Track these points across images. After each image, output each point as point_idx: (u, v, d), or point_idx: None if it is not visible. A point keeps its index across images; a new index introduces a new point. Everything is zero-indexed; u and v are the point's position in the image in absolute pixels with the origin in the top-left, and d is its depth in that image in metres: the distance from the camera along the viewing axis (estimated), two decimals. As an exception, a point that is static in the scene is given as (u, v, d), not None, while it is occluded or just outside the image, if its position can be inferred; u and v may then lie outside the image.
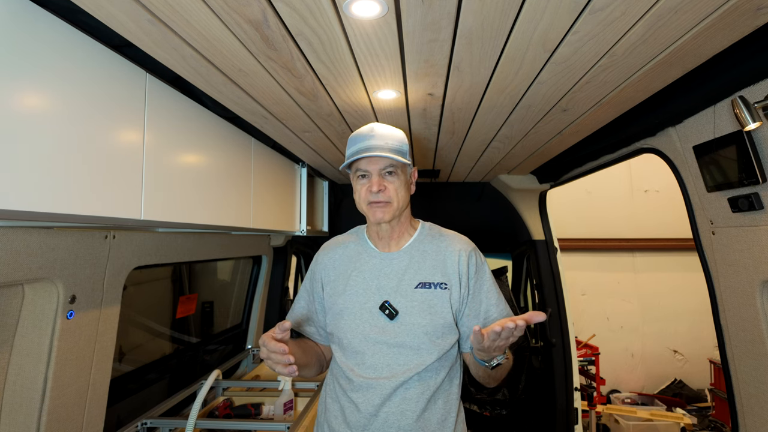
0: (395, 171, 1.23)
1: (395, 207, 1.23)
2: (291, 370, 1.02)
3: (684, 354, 5.22)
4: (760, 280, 1.37)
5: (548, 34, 1.02)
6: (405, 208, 1.29)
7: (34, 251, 1.15)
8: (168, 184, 1.27)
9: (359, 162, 1.22)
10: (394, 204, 1.23)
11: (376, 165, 1.21)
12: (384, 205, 1.22)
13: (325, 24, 0.97)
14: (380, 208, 1.23)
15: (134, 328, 2.09)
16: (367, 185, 1.23)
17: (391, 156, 1.19)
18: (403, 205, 1.26)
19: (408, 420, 1.18)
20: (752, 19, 0.98)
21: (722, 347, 1.60)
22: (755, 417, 1.48)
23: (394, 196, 1.22)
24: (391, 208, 1.23)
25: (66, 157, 0.93)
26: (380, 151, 1.19)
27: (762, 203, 1.30)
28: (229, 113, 1.60)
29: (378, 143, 1.20)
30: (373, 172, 1.22)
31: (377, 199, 1.22)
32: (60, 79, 0.92)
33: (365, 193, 1.23)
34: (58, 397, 1.27)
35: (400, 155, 1.21)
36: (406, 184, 1.27)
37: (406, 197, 1.27)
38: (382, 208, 1.22)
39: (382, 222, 1.24)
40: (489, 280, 1.30)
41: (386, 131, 1.24)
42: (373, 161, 1.21)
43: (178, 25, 0.96)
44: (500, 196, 3.20)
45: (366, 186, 1.23)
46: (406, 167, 1.27)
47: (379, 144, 1.20)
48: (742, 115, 1.24)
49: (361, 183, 1.25)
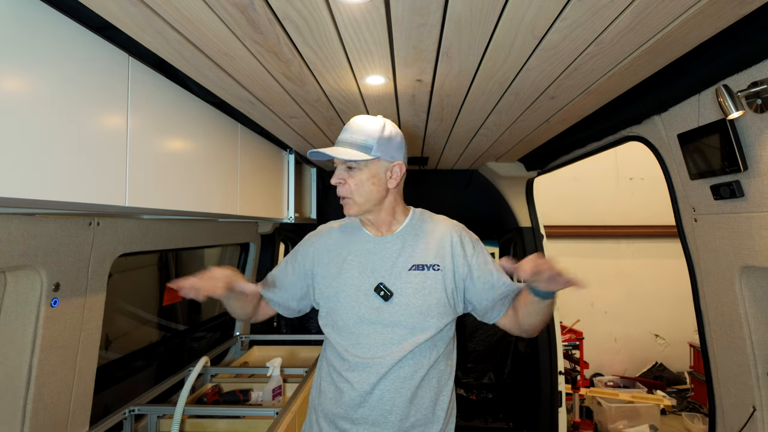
0: (357, 165, 1.22)
1: (357, 201, 1.24)
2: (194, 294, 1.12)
3: (665, 338, 5.35)
4: (739, 266, 1.40)
5: (537, 21, 1.02)
6: (376, 202, 1.26)
7: (16, 239, 1.12)
8: (153, 170, 1.25)
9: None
10: (356, 198, 1.23)
11: (339, 158, 1.22)
12: (345, 200, 1.25)
13: (312, 7, 0.95)
14: (344, 202, 1.25)
15: (121, 315, 2.07)
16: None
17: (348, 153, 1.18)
18: (370, 199, 1.24)
19: (402, 398, 1.21)
20: (738, 8, 0.99)
21: (702, 331, 1.65)
22: (732, 398, 1.53)
23: (354, 191, 1.23)
24: (353, 202, 1.24)
25: (46, 142, 0.90)
26: (342, 145, 1.21)
27: (743, 191, 1.33)
28: (215, 99, 1.57)
29: (345, 137, 1.23)
30: (338, 165, 1.25)
31: (339, 193, 1.25)
32: (39, 62, 0.89)
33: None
34: (43, 385, 1.26)
35: (362, 150, 1.20)
36: (372, 178, 1.23)
37: (372, 191, 1.24)
38: (346, 203, 1.25)
39: (350, 216, 1.28)
40: (488, 255, 1.34)
41: (359, 125, 1.23)
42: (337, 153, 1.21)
43: (161, 6, 0.94)
44: (488, 184, 3.21)
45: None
46: (377, 161, 1.23)
47: (345, 138, 1.22)
48: (726, 104, 1.26)
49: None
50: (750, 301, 1.42)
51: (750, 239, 1.33)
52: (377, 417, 1.21)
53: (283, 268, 1.42)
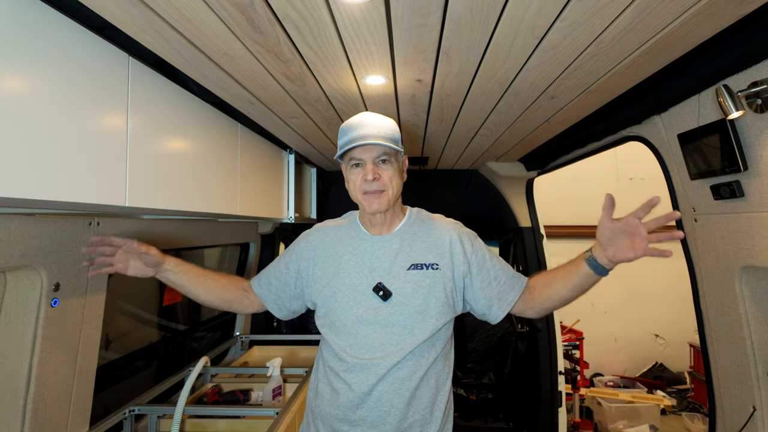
0: (389, 159, 1.23)
1: (390, 195, 1.24)
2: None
3: (665, 338, 5.35)
4: (739, 266, 1.40)
5: (537, 21, 1.02)
6: (399, 197, 1.30)
7: (16, 239, 1.12)
8: (153, 170, 1.25)
9: (353, 151, 1.22)
10: (389, 192, 1.23)
11: (370, 153, 1.21)
12: (379, 195, 1.23)
13: (312, 7, 0.95)
14: (376, 198, 1.23)
15: (121, 315, 2.07)
16: (361, 174, 1.23)
17: (386, 143, 1.19)
18: (398, 193, 1.27)
19: (401, 399, 1.20)
20: (738, 8, 0.99)
21: (702, 331, 1.65)
22: (732, 398, 1.53)
23: (388, 184, 1.23)
24: (386, 196, 1.23)
25: (46, 142, 0.90)
26: (375, 139, 1.19)
27: (743, 191, 1.33)
28: (215, 98, 1.57)
29: (371, 132, 1.20)
30: (367, 161, 1.22)
31: (372, 188, 1.22)
32: (39, 62, 0.89)
33: (360, 182, 1.23)
34: (43, 385, 1.26)
35: (393, 143, 1.22)
36: (399, 172, 1.27)
37: (400, 185, 1.28)
38: (378, 198, 1.23)
39: (378, 212, 1.25)
40: (486, 249, 1.33)
41: (377, 120, 1.24)
42: (367, 149, 1.21)
43: (161, 6, 0.94)
44: (488, 184, 3.21)
45: (360, 175, 1.23)
46: (399, 155, 1.28)
47: (372, 132, 1.20)
48: (726, 104, 1.26)
49: (355, 172, 1.24)
50: (750, 301, 1.41)
51: (750, 239, 1.33)
52: (375, 418, 1.20)
53: (277, 267, 1.41)
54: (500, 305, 1.29)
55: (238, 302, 1.46)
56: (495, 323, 1.33)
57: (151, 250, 1.31)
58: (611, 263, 1.14)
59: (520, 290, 1.30)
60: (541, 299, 1.29)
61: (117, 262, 1.29)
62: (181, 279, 1.37)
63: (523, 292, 1.31)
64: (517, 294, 1.29)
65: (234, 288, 1.46)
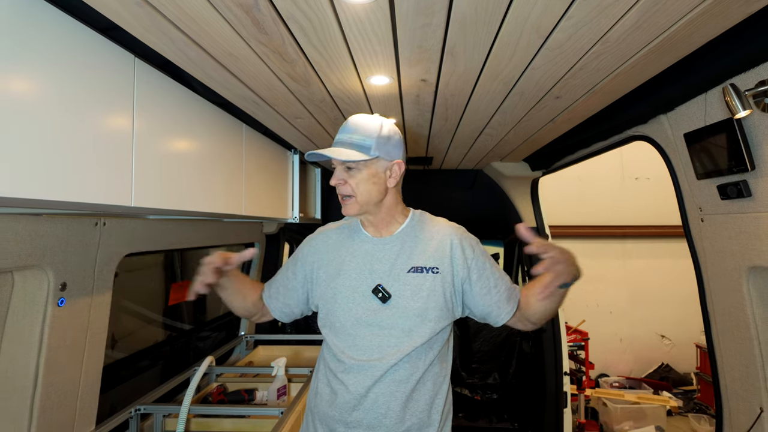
0: (356, 166, 1.22)
1: (359, 201, 1.24)
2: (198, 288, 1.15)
3: (671, 339, 5.32)
4: (746, 267, 1.39)
5: (542, 20, 1.02)
6: (376, 201, 1.26)
7: (23, 238, 1.13)
8: (159, 170, 1.26)
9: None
10: (357, 198, 1.23)
11: (339, 158, 1.21)
12: (347, 200, 1.25)
13: (316, 7, 0.96)
14: (344, 202, 1.25)
15: (127, 315, 2.08)
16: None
17: (341, 158, 1.18)
18: (371, 199, 1.24)
19: (397, 401, 1.20)
20: (745, 6, 0.98)
21: (708, 332, 1.64)
22: (739, 400, 1.52)
23: (355, 190, 1.23)
24: (353, 202, 1.24)
25: (54, 142, 0.91)
26: (341, 146, 1.21)
27: (750, 191, 1.32)
28: (219, 99, 1.57)
29: (343, 137, 1.22)
30: (337, 166, 1.24)
31: (340, 192, 1.25)
32: (46, 63, 0.90)
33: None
34: (50, 385, 1.27)
35: (360, 150, 1.19)
36: (372, 178, 1.23)
37: (372, 191, 1.24)
38: (346, 203, 1.25)
39: (350, 215, 1.27)
40: (488, 258, 1.33)
41: (357, 124, 1.23)
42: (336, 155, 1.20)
43: (166, 7, 0.94)
44: (493, 184, 3.21)
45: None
46: (376, 161, 1.23)
47: (343, 138, 1.22)
48: (733, 103, 1.25)
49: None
50: (757, 301, 1.40)
51: (757, 239, 1.32)
52: (372, 420, 1.20)
53: (284, 275, 1.40)
54: (499, 313, 1.29)
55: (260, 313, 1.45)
56: (497, 326, 1.33)
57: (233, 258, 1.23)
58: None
59: (517, 300, 1.31)
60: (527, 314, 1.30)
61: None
62: (228, 285, 1.31)
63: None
64: (515, 305, 1.30)
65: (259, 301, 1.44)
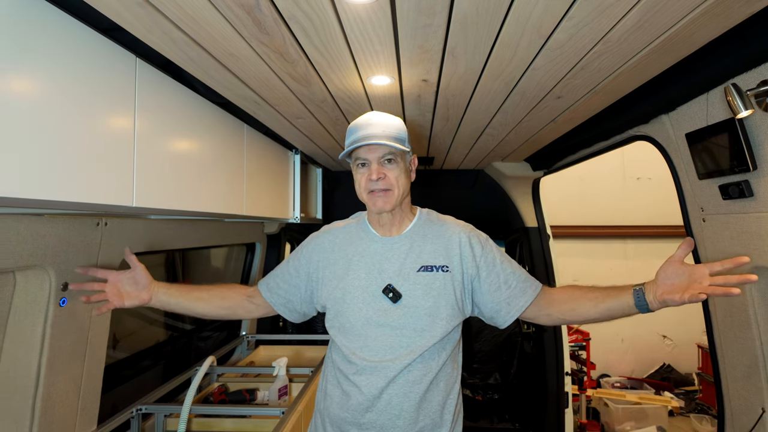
0: (394, 159, 1.22)
1: (396, 195, 1.23)
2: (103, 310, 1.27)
3: (673, 339, 5.31)
4: (748, 267, 1.39)
5: (543, 20, 1.02)
6: (406, 196, 1.29)
7: (25, 238, 1.13)
8: (160, 170, 1.26)
9: (358, 151, 1.22)
10: (395, 192, 1.22)
11: (375, 153, 1.21)
12: (384, 194, 1.22)
13: (317, 7, 0.96)
14: (381, 197, 1.22)
15: (128, 315, 2.09)
16: (366, 174, 1.23)
17: (389, 143, 1.18)
18: (404, 193, 1.26)
19: (411, 402, 1.19)
20: (746, 6, 0.98)
21: (710, 332, 1.63)
22: (741, 400, 1.51)
23: (394, 184, 1.22)
24: (392, 195, 1.22)
25: (56, 142, 0.91)
26: (378, 138, 1.18)
27: (752, 191, 1.31)
28: (221, 99, 1.58)
29: (376, 131, 1.20)
30: (372, 160, 1.22)
31: (377, 187, 1.22)
32: (48, 63, 0.90)
33: (365, 182, 1.23)
34: (52, 384, 1.27)
35: (398, 143, 1.21)
36: (406, 172, 1.27)
37: (407, 184, 1.27)
38: (383, 197, 1.22)
39: (383, 212, 1.25)
40: (498, 253, 1.31)
41: (384, 119, 1.24)
42: (372, 149, 1.21)
43: (167, 7, 0.94)
44: (494, 184, 3.21)
45: (366, 175, 1.23)
46: (406, 155, 1.27)
47: (377, 132, 1.20)
48: (735, 103, 1.24)
49: (360, 172, 1.24)
50: (759, 301, 1.40)
51: (759, 240, 1.32)
52: (385, 422, 1.19)
53: (285, 269, 1.40)
54: (509, 310, 1.27)
55: (241, 308, 1.44)
56: (503, 328, 1.32)
57: (138, 264, 1.31)
58: (656, 302, 1.13)
59: (533, 295, 1.28)
60: (562, 310, 1.27)
61: (111, 297, 1.27)
62: (176, 297, 1.35)
63: (537, 297, 1.28)
64: (528, 299, 1.27)
65: (233, 294, 1.45)
